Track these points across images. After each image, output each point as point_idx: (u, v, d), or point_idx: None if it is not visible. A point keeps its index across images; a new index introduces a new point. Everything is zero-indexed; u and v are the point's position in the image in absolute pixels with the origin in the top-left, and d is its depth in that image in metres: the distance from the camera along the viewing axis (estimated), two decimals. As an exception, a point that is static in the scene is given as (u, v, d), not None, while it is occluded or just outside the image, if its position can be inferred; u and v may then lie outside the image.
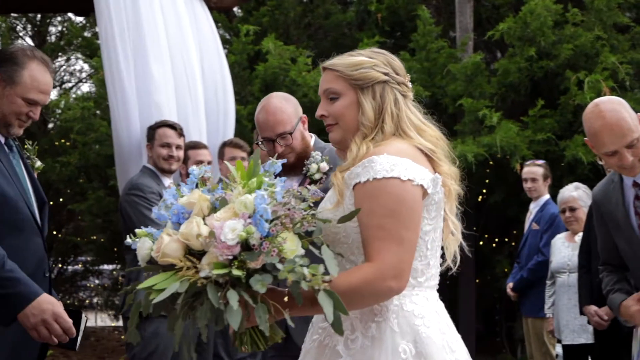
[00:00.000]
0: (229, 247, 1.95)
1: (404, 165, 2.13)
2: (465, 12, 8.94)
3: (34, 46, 7.48)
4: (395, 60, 2.36)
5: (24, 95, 2.84)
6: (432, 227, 2.24)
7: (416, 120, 2.31)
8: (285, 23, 9.25)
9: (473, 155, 7.28)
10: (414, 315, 2.18)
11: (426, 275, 2.24)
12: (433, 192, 2.21)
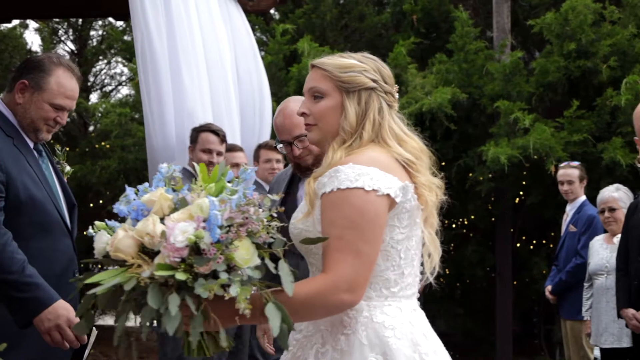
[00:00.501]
0: (177, 249, 1.92)
1: (370, 175, 2.09)
2: (503, 12, 8.90)
3: (59, 54, 7.59)
4: (385, 69, 2.32)
5: (51, 101, 2.92)
6: (404, 236, 2.19)
7: (398, 131, 2.26)
8: (321, 25, 9.28)
9: (506, 157, 7.23)
10: (384, 326, 2.14)
11: (400, 285, 2.19)
12: (403, 201, 2.16)
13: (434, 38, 9.16)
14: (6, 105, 2.98)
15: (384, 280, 2.17)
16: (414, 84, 8.13)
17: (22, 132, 2.96)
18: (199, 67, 5.02)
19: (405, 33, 8.89)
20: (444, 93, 7.75)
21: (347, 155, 2.16)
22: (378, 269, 2.16)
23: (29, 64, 3.00)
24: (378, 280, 2.17)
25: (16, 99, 2.95)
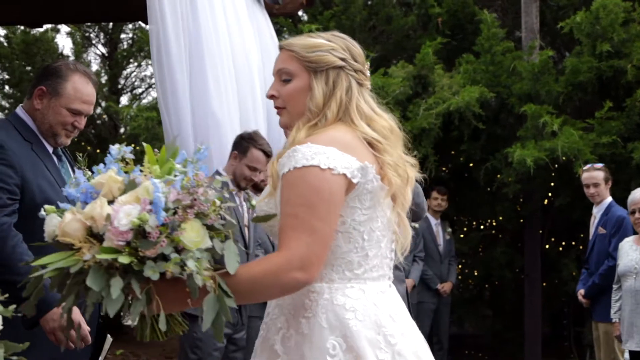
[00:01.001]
0: (121, 232, 1.89)
1: (327, 154, 2.06)
2: (531, 12, 8.84)
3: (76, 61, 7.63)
4: (356, 47, 2.28)
5: (68, 106, 3.01)
6: (367, 217, 2.14)
7: (367, 110, 2.22)
8: (351, 27, 9.30)
9: (533, 159, 7.19)
10: (345, 309, 2.10)
11: (364, 267, 2.15)
12: (363, 182, 2.11)
13: (461, 39, 9.13)
14: (26, 112, 3.06)
15: (347, 262, 2.14)
16: (440, 84, 8.12)
17: (42, 137, 3.04)
18: (225, 69, 5.00)
19: (431, 35, 8.87)
20: (472, 92, 7.73)
21: (311, 135, 2.13)
22: (340, 251, 2.14)
23: (46, 71, 3.09)
24: (340, 262, 2.14)
25: (35, 105, 3.03)
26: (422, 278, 7.76)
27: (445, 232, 8.06)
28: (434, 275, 7.85)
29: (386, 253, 2.22)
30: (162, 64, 4.62)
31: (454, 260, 8.17)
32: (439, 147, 8.23)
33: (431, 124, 7.79)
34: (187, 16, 4.79)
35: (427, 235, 7.89)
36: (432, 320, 7.91)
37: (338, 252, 2.14)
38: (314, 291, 2.13)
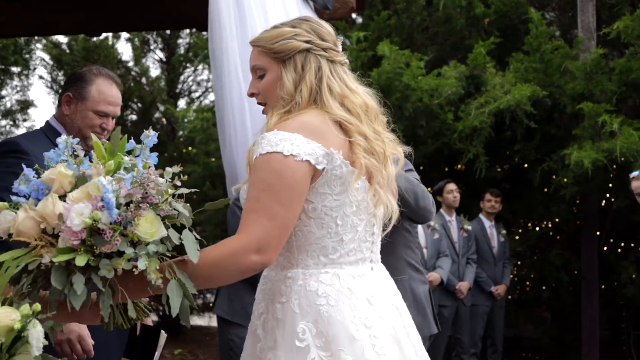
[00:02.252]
0: (75, 232, 1.90)
1: (291, 141, 2.09)
2: (587, 10, 8.71)
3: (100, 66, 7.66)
4: (323, 27, 2.31)
5: (94, 108, 3.11)
6: (339, 203, 2.17)
7: (339, 88, 2.25)
8: (410, 27, 9.30)
9: (590, 161, 7.08)
10: (317, 294, 2.14)
11: (340, 252, 2.19)
12: (330, 168, 2.14)
13: (513, 39, 9.04)
14: (57, 120, 3.17)
15: (321, 248, 2.18)
16: (492, 83, 8.06)
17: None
18: None
19: (480, 36, 8.81)
20: (523, 90, 7.65)
21: (284, 121, 2.17)
22: (313, 237, 2.18)
23: (71, 78, 3.20)
24: (315, 248, 2.18)
25: (64, 111, 3.15)
26: (476, 280, 7.71)
27: (499, 234, 8.00)
28: (488, 277, 7.80)
29: (365, 237, 2.25)
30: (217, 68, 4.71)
31: (508, 262, 8.10)
32: (491, 147, 8.17)
33: (482, 122, 7.75)
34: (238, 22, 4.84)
35: (480, 237, 7.84)
36: (486, 323, 7.86)
37: (312, 238, 2.18)
38: (290, 277, 2.19)
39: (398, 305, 2.33)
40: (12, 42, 9.64)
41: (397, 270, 3.43)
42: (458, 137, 7.91)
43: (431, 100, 8.04)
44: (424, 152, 8.40)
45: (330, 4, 6.13)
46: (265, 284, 2.28)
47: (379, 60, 8.41)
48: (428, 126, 8.22)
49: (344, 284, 2.18)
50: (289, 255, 2.22)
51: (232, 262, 2.04)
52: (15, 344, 1.89)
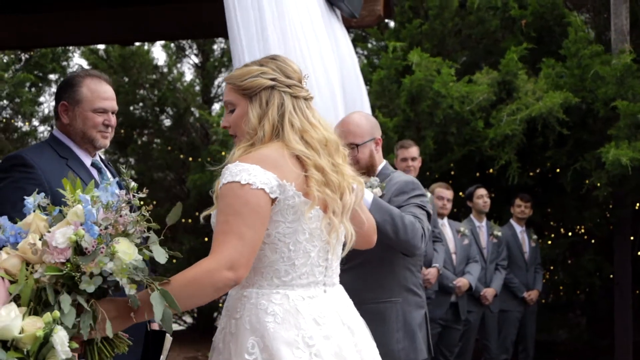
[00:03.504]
0: (60, 250, 2.08)
1: (249, 171, 2.29)
2: (621, 13, 8.61)
3: (90, 68, 7.72)
4: (288, 65, 2.48)
5: (92, 107, 3.13)
6: (292, 230, 2.35)
7: (299, 123, 2.41)
8: (442, 33, 9.29)
9: (628, 159, 6.98)
10: (266, 312, 2.34)
11: (292, 275, 2.38)
12: (282, 198, 2.32)
13: (547, 42, 8.97)
14: (60, 131, 3.20)
15: (274, 271, 2.38)
16: (524, 89, 8.03)
17: (78, 150, 3.16)
18: (311, 88, 5.05)
19: (515, 39, 8.77)
20: (555, 97, 7.61)
21: (247, 154, 2.37)
22: (267, 260, 2.38)
23: (61, 88, 3.23)
24: (269, 270, 2.38)
25: (64, 121, 3.17)
26: (508, 286, 7.69)
27: (530, 239, 7.96)
28: (520, 283, 7.77)
29: (318, 262, 2.42)
30: None
31: (540, 268, 8.05)
32: (523, 153, 8.15)
33: (514, 130, 7.73)
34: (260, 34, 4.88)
35: (512, 242, 7.81)
36: (517, 329, 7.84)
37: (266, 262, 2.38)
38: (246, 295, 2.40)
39: (352, 325, 2.47)
40: (50, 50, 9.86)
41: (392, 293, 3.48)
42: (489, 144, 7.90)
43: (462, 107, 8.04)
44: (454, 158, 8.40)
45: (357, 13, 6.17)
46: (227, 302, 2.47)
47: (411, 67, 8.43)
48: (459, 133, 8.22)
49: (292, 304, 2.36)
50: (251, 276, 2.41)
51: (208, 280, 2.23)
52: (42, 350, 2.06)
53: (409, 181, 3.60)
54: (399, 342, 3.49)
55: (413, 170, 6.35)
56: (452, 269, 6.94)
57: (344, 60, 5.95)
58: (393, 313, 3.49)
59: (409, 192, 3.53)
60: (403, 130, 8.38)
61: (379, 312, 3.45)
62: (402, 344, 3.49)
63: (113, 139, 3.31)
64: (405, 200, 3.49)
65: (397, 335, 3.49)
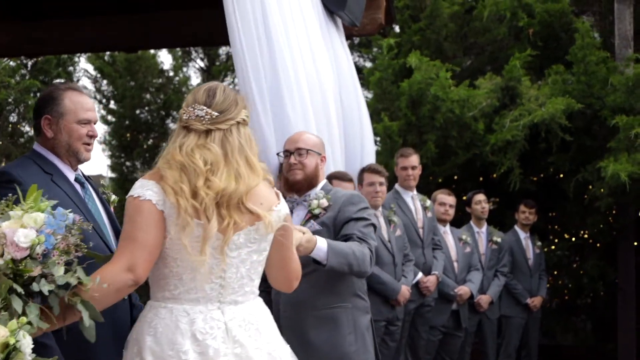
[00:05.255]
0: (20, 248, 2.27)
1: (142, 185, 2.51)
2: (625, 18, 8.59)
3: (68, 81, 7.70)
4: (192, 94, 2.65)
5: (76, 119, 3.13)
6: (178, 246, 2.47)
7: (168, 149, 2.58)
8: (437, 41, 9.29)
9: (627, 174, 7.00)
10: (150, 325, 2.52)
11: (180, 289, 2.52)
12: (168, 213, 2.48)
13: (554, 48, 8.95)
14: (42, 146, 3.17)
15: (166, 284, 2.53)
16: (528, 95, 8.03)
17: (62, 165, 3.15)
18: (303, 97, 5.08)
19: (522, 46, 8.75)
20: (557, 104, 7.60)
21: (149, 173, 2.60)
22: (159, 274, 2.54)
23: (41, 103, 3.22)
24: (161, 283, 2.54)
25: (47, 135, 3.14)
26: (511, 292, 7.67)
27: (534, 245, 7.93)
28: (524, 289, 7.73)
29: (210, 278, 2.52)
30: (244, 84, 4.82)
31: (545, 274, 8.02)
32: (525, 159, 8.14)
33: (516, 136, 7.73)
34: (263, 41, 4.89)
35: (516, 249, 7.78)
36: (521, 335, 7.82)
37: (159, 275, 2.55)
38: (145, 306, 2.59)
39: (243, 340, 2.53)
40: (55, 57, 9.90)
41: (342, 298, 3.68)
42: (490, 149, 7.90)
43: (462, 111, 8.04)
44: (456, 162, 8.41)
45: (358, 21, 6.19)
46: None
47: (412, 70, 8.44)
48: (460, 137, 8.22)
49: (174, 319, 2.50)
50: (151, 287, 2.60)
51: (110, 283, 2.38)
52: (9, 356, 2.19)
53: (354, 194, 3.85)
54: (351, 344, 3.68)
55: (413, 179, 6.37)
56: (453, 276, 6.93)
57: (341, 71, 5.97)
58: (344, 317, 3.68)
59: (357, 204, 3.74)
60: (405, 134, 8.40)
61: (332, 317, 3.65)
62: (354, 346, 3.69)
63: (119, 143, 3.33)
64: (355, 212, 3.69)
65: (350, 338, 3.68)
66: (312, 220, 3.75)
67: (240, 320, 2.56)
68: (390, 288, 5.74)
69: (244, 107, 2.66)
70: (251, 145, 2.62)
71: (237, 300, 2.58)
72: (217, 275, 2.52)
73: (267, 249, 2.64)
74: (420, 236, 6.41)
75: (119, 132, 10.81)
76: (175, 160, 2.54)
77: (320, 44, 5.56)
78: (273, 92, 4.92)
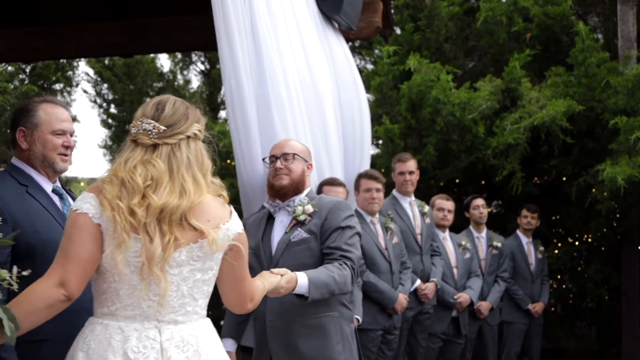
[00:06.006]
0: None
1: (82, 198, 2.47)
2: (628, 19, 8.49)
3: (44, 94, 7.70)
4: (140, 108, 2.61)
5: (51, 129, 3.14)
6: (115, 261, 2.40)
7: (131, 161, 2.50)
8: (437, 41, 9.21)
9: (625, 177, 6.90)
10: (84, 341, 2.46)
11: (117, 305, 2.45)
12: (104, 227, 2.42)
13: (555, 51, 8.85)
14: (18, 159, 3.18)
15: (104, 299, 2.47)
16: (528, 97, 7.93)
17: (39, 177, 3.15)
18: (292, 101, 5.00)
19: (522, 50, 8.65)
20: (557, 106, 7.51)
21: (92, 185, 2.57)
22: (99, 289, 2.48)
23: (16, 115, 3.22)
24: (102, 299, 2.48)
25: (22, 147, 3.14)
26: (513, 298, 7.58)
27: (537, 250, 7.82)
28: (525, 295, 7.63)
29: (148, 295, 2.44)
30: (232, 92, 4.72)
31: (547, 279, 7.91)
32: (527, 162, 8.05)
33: (518, 139, 7.64)
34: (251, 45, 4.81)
35: (518, 254, 7.67)
36: (522, 341, 7.72)
37: (99, 290, 2.49)
38: (87, 321, 2.53)
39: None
40: (53, 61, 9.86)
41: (330, 307, 3.67)
42: (492, 153, 7.82)
43: (463, 114, 7.95)
44: (458, 166, 8.32)
45: (355, 25, 6.12)
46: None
47: (412, 73, 8.36)
48: (461, 140, 8.13)
49: (107, 336, 2.43)
50: (94, 303, 2.54)
51: (38, 297, 2.36)
52: None
53: (341, 201, 3.82)
54: (340, 353, 3.69)
55: (411, 184, 6.29)
56: (453, 283, 6.84)
57: (340, 72, 5.90)
58: (332, 326, 3.68)
59: (344, 211, 3.72)
60: (405, 138, 8.32)
61: (320, 326, 3.65)
62: (343, 355, 3.71)
63: (120, 147, 3.28)
64: (342, 219, 3.67)
65: (338, 347, 3.69)
66: (299, 228, 3.71)
67: (179, 340, 2.47)
68: (387, 297, 5.67)
69: (197, 121, 2.59)
70: (202, 161, 2.55)
71: (177, 320, 2.49)
72: (155, 292, 2.44)
73: (214, 267, 2.55)
74: (418, 243, 6.32)
75: (120, 136, 10.76)
76: (117, 175, 2.49)
77: (317, 47, 5.50)
78: (260, 97, 4.84)
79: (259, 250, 3.74)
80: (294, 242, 3.67)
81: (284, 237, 3.72)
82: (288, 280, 3.24)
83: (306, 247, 3.67)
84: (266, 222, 3.84)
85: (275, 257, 3.68)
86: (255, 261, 3.69)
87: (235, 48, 4.64)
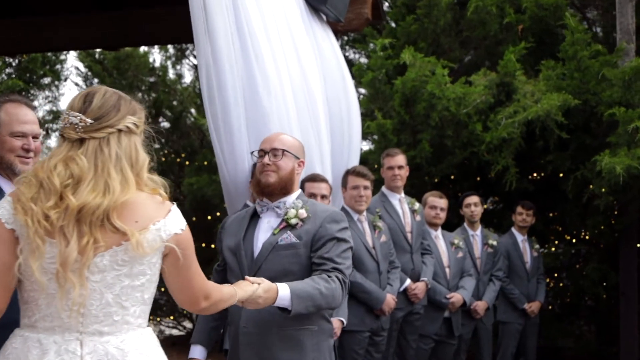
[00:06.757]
0: None
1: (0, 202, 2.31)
2: (626, 12, 8.31)
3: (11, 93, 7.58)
4: (70, 100, 2.40)
5: (9, 131, 3.07)
6: (30, 269, 2.22)
7: (42, 159, 2.39)
8: (434, 32, 9.02)
9: (623, 167, 6.70)
10: (4, 355, 2.31)
11: (37, 316, 2.27)
12: (20, 233, 2.24)
13: (549, 44, 8.66)
14: None
15: (25, 309, 2.30)
16: (523, 91, 7.74)
17: (1, 179, 3.09)
18: (285, 94, 4.85)
19: (514, 42, 8.47)
20: (552, 99, 7.32)
21: None
22: (22, 299, 2.30)
23: None
24: (24, 308, 2.31)
25: None
26: (508, 297, 7.40)
27: (532, 248, 7.63)
28: (521, 294, 7.44)
29: (67, 305, 2.24)
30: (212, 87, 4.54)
31: (543, 278, 7.72)
32: (523, 157, 7.86)
33: (512, 133, 7.46)
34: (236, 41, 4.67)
35: (513, 252, 7.49)
36: (518, 341, 7.55)
37: (21, 300, 2.32)
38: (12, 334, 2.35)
39: None
40: (40, 55, 9.71)
41: (310, 320, 3.45)
42: (486, 148, 7.63)
43: (458, 109, 7.76)
44: (452, 162, 8.13)
45: (342, 16, 5.94)
46: None
47: (406, 67, 8.17)
48: (456, 136, 7.95)
49: (25, 349, 2.27)
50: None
51: None
52: None
53: (337, 212, 3.59)
54: None
55: (400, 180, 6.10)
56: (445, 283, 6.64)
57: (327, 65, 5.73)
58: (309, 340, 3.47)
59: (340, 222, 3.49)
60: (398, 134, 8.13)
61: (296, 339, 3.43)
62: None
63: None
64: (337, 230, 3.45)
65: None
66: (289, 231, 3.46)
67: (102, 354, 2.27)
68: (374, 297, 5.49)
69: (132, 114, 2.36)
70: (136, 157, 2.33)
71: (103, 331, 2.28)
72: (77, 302, 2.23)
73: (147, 272, 2.32)
74: (408, 241, 6.14)
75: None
76: (36, 176, 2.28)
77: (304, 39, 5.33)
78: (247, 88, 4.66)
79: (239, 250, 3.48)
80: (281, 246, 3.42)
81: (270, 239, 3.45)
82: (266, 289, 3.03)
83: (293, 252, 3.42)
84: (249, 221, 3.56)
85: (259, 260, 3.42)
86: (234, 262, 3.47)
87: (219, 39, 4.48)
